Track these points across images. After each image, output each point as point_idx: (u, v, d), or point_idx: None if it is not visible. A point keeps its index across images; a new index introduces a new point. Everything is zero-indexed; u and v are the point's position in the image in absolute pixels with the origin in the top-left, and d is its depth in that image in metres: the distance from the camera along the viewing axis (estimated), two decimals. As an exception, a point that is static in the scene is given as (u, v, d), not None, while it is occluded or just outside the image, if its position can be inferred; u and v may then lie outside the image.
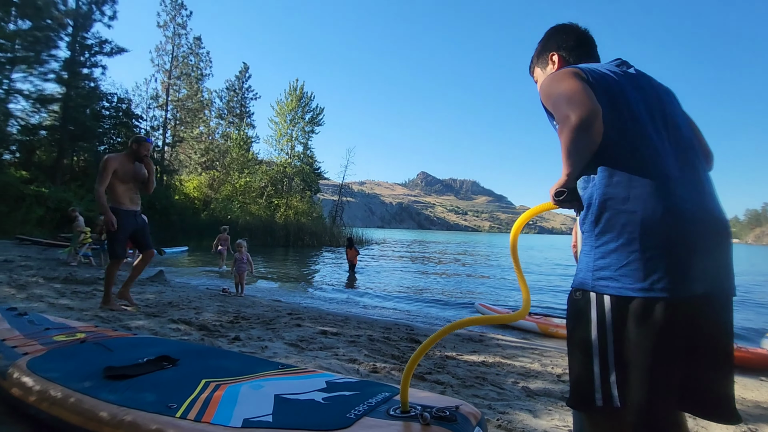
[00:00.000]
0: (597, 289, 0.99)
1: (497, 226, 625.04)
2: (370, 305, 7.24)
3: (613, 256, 0.98)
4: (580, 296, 1.03)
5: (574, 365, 1.04)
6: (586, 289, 1.02)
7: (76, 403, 1.49)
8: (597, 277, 1.00)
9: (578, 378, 1.02)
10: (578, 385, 1.02)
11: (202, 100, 32.02)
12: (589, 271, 1.02)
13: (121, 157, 4.33)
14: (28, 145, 20.40)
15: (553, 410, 2.28)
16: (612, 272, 0.98)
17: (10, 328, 2.45)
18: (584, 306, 1.01)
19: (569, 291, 1.09)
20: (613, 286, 0.97)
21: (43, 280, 5.97)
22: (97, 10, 21.28)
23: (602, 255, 1.00)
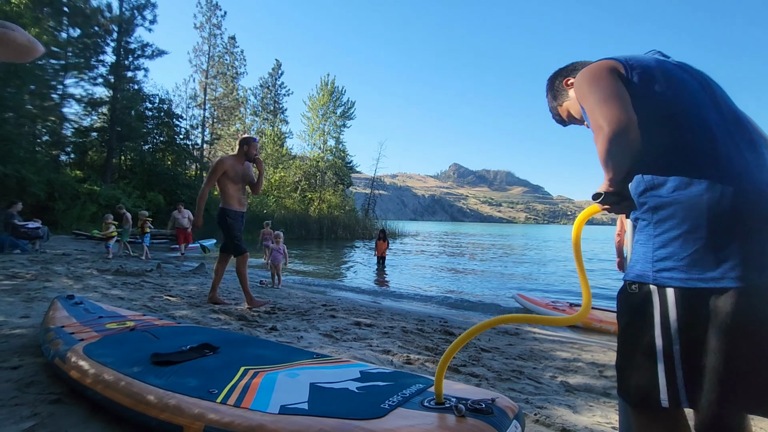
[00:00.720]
0: (659, 281, 0.91)
1: (533, 217, 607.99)
2: (403, 297, 7.25)
3: (676, 245, 0.90)
4: (637, 289, 0.96)
5: (631, 364, 0.96)
6: (645, 281, 0.94)
7: (126, 387, 1.58)
8: (658, 268, 0.92)
9: (639, 378, 0.94)
10: (639, 386, 0.94)
11: (238, 98, 32.94)
12: (648, 262, 0.94)
13: (232, 159, 4.31)
14: (81, 146, 21.79)
15: (594, 406, 2.19)
16: (676, 262, 0.90)
17: (68, 315, 2.64)
18: (643, 300, 0.94)
19: (622, 284, 1.01)
20: (679, 277, 0.89)
21: (96, 272, 6.38)
22: (139, 15, 22.28)
23: (663, 244, 0.92)
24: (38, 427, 1.56)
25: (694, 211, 0.89)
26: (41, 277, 5.41)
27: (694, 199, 0.89)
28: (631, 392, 0.96)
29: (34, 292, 4.39)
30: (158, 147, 24.71)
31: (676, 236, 0.91)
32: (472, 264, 13.89)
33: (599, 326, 4.84)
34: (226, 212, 4.28)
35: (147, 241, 10.41)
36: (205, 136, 29.72)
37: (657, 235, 0.94)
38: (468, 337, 1.19)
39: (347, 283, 8.71)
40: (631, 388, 0.96)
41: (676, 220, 0.91)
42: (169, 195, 21.55)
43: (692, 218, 0.89)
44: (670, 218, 0.92)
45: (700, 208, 0.88)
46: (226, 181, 4.25)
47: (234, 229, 4.31)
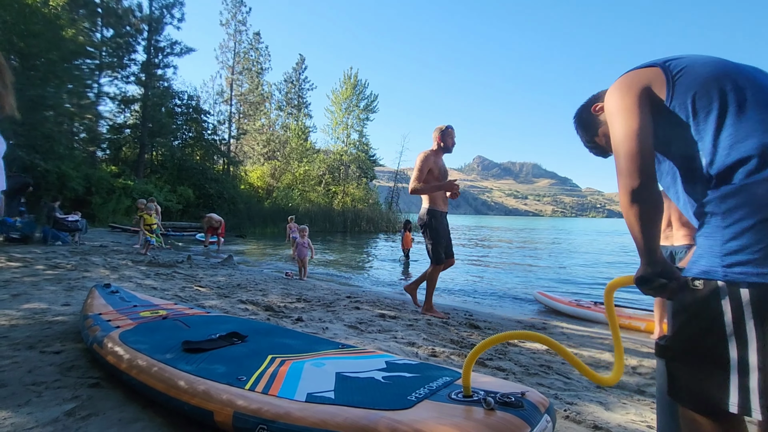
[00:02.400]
0: (731, 277, 0.82)
1: (561, 210, 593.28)
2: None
3: (750, 235, 0.81)
4: (702, 286, 0.87)
5: (693, 367, 0.88)
6: (713, 278, 0.85)
7: (159, 372, 1.63)
8: (729, 262, 0.83)
9: (703, 382, 0.86)
10: (700, 387, 0.87)
11: (263, 93, 33.43)
12: (716, 257, 0.85)
13: (432, 154, 4.02)
14: (115, 142, 22.68)
15: (627, 404, 2.12)
16: (750, 255, 0.80)
17: (105, 303, 2.75)
18: (709, 298, 0.85)
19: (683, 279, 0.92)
20: (755, 272, 0.79)
21: (131, 263, 6.64)
22: (168, 13, 22.85)
23: (734, 235, 0.83)
24: (79, 409, 1.63)
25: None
26: (80, 268, 5.67)
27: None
28: (693, 396, 0.89)
29: (74, 281, 4.60)
30: (187, 142, 25.39)
31: (749, 226, 0.81)
32: (496, 257, 13.68)
33: (627, 323, 4.67)
34: (432, 213, 3.98)
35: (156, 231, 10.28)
36: (231, 131, 30.32)
37: (727, 226, 0.85)
38: (506, 338, 1.17)
39: (371, 276, 8.75)
40: (692, 392, 0.89)
41: (749, 208, 0.82)
42: (198, 189, 22.17)
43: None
44: (742, 206, 0.83)
45: None
46: (429, 178, 3.97)
47: (439, 234, 4.00)
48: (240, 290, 4.88)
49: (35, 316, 3.00)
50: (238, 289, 4.92)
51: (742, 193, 0.83)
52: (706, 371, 0.85)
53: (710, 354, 0.84)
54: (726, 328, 0.81)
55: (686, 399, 0.90)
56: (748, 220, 0.82)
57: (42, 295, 3.75)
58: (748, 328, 0.79)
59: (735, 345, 0.81)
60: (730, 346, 0.81)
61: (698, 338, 0.87)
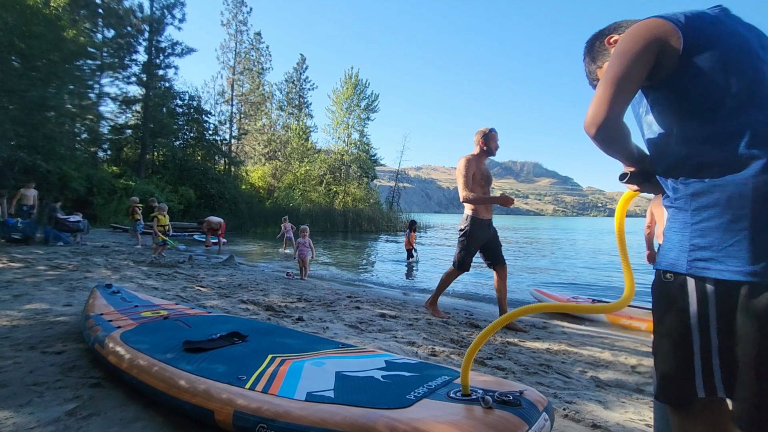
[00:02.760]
0: (694, 271, 0.87)
1: (562, 210, 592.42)
2: (428, 290, 7.23)
3: (715, 235, 0.85)
4: (672, 279, 0.91)
5: (666, 355, 0.92)
6: (679, 271, 0.90)
7: (160, 372, 1.64)
8: (694, 258, 0.87)
9: (672, 369, 0.91)
10: (673, 377, 0.91)
11: (264, 94, 33.43)
12: (684, 252, 0.90)
13: (474, 158, 3.88)
14: (117, 143, 22.72)
15: (626, 402, 2.12)
16: (714, 252, 0.85)
17: (106, 303, 2.77)
18: (678, 290, 0.89)
19: (655, 273, 0.97)
20: (716, 268, 0.84)
21: (132, 264, 6.66)
22: (168, 14, 22.87)
23: (701, 233, 0.87)
24: (80, 409, 1.64)
25: (738, 199, 0.83)
26: (82, 268, 5.70)
27: (739, 187, 0.82)
28: (666, 385, 0.93)
29: (76, 281, 4.62)
30: (188, 143, 25.42)
31: (716, 226, 0.85)
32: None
33: (628, 323, 4.65)
34: (473, 221, 3.87)
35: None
36: (232, 131, 30.36)
37: (695, 223, 0.89)
38: (495, 327, 1.16)
39: (372, 276, 8.76)
40: (665, 381, 0.93)
41: (717, 209, 0.85)
42: (200, 189, 22.19)
43: (735, 207, 0.83)
44: (711, 206, 0.86)
45: (744, 196, 0.82)
46: (472, 184, 3.85)
47: (473, 241, 3.89)
48: (241, 290, 4.89)
49: (37, 317, 3.02)
50: (239, 289, 4.94)
51: (712, 194, 0.86)
52: (676, 360, 0.90)
53: (679, 342, 0.89)
54: (691, 318, 0.86)
55: (663, 394, 0.94)
56: (716, 220, 0.85)
57: (43, 296, 3.76)
58: (711, 318, 0.84)
59: (698, 334, 0.86)
60: (694, 335, 0.86)
61: (669, 330, 0.91)
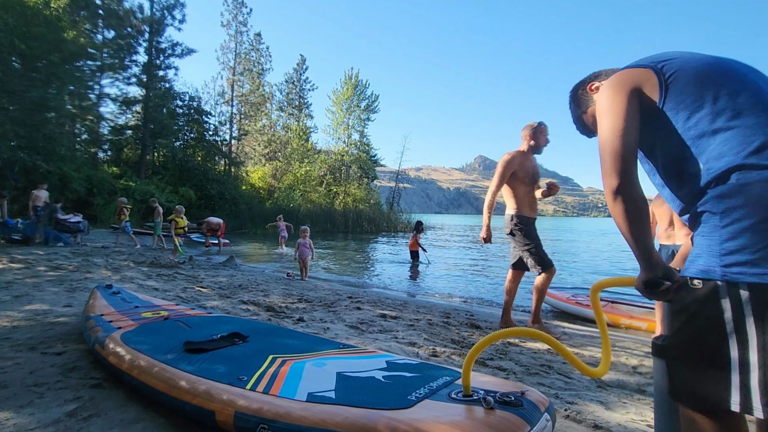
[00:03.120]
0: (729, 277, 0.82)
1: (562, 210, 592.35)
2: (429, 291, 7.22)
3: (748, 236, 0.81)
4: (701, 285, 0.87)
5: (694, 363, 0.88)
6: (712, 278, 0.85)
7: (160, 372, 1.63)
8: (727, 262, 0.83)
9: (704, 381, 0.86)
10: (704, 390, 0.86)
11: (264, 94, 33.44)
12: (715, 256, 0.86)
13: (519, 155, 3.69)
14: (117, 143, 22.73)
15: (628, 403, 2.12)
16: (749, 255, 0.81)
17: (107, 304, 2.76)
18: (708, 297, 0.85)
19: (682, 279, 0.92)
20: (753, 272, 0.79)
21: (133, 264, 6.66)
22: (168, 15, 22.88)
23: (732, 235, 0.84)
24: (80, 410, 1.64)
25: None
26: (82, 269, 5.69)
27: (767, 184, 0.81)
28: (694, 395, 0.89)
29: (76, 282, 4.62)
30: (189, 143, 25.43)
31: (748, 226, 0.82)
32: (497, 257, 13.67)
33: (629, 323, 4.65)
34: (519, 219, 3.71)
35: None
36: (233, 132, 30.36)
37: (725, 226, 0.85)
38: (502, 336, 1.17)
39: (372, 276, 8.75)
40: (693, 392, 0.89)
41: (747, 209, 0.82)
42: (200, 190, 22.20)
43: (766, 206, 0.80)
44: (740, 207, 0.83)
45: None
46: (515, 182, 3.68)
47: (533, 237, 3.69)
48: (241, 291, 4.89)
49: (37, 318, 3.01)
50: (240, 290, 4.93)
51: (741, 194, 0.84)
52: (707, 370, 0.85)
53: (711, 353, 0.84)
54: (726, 326, 0.81)
55: (687, 398, 0.90)
56: (747, 221, 0.82)
57: (44, 297, 3.76)
58: (748, 326, 0.79)
59: (735, 343, 0.80)
60: (730, 344, 0.81)
61: (699, 337, 0.87)
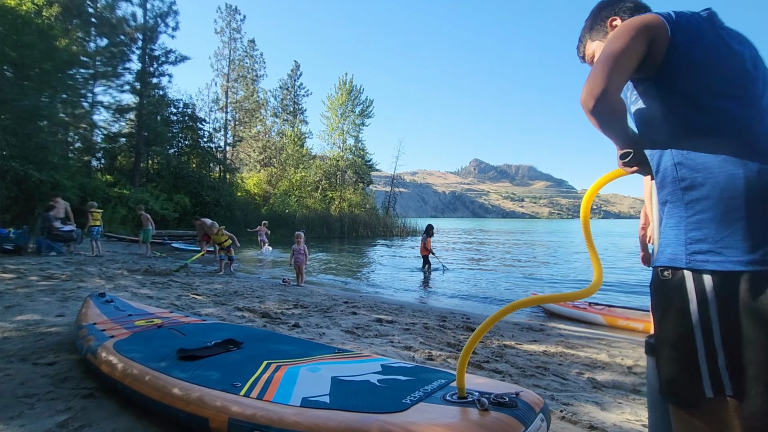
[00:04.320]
0: (693, 265, 0.86)
1: (557, 212, 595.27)
2: (425, 295, 7.22)
3: (711, 226, 0.85)
4: (670, 276, 0.90)
5: (670, 354, 0.91)
6: (678, 266, 0.89)
7: (153, 380, 1.62)
8: (692, 251, 0.87)
9: (677, 369, 0.90)
10: (678, 377, 0.89)
11: (258, 101, 33.41)
12: (681, 245, 0.89)
13: None
14: (111, 151, 22.58)
15: (623, 403, 2.12)
16: (711, 244, 0.85)
17: (99, 313, 2.74)
18: (677, 286, 0.89)
19: (652, 271, 0.96)
20: (715, 260, 0.84)
21: (127, 272, 6.61)
22: (162, 22, 22.85)
23: (696, 225, 0.87)
24: (72, 421, 1.62)
25: (730, 190, 0.83)
26: (75, 278, 5.64)
27: (731, 179, 0.84)
28: (672, 387, 0.91)
29: (69, 291, 4.57)
30: (183, 150, 25.33)
31: (711, 217, 0.85)
32: (493, 260, 13.70)
33: (625, 324, 4.68)
34: None
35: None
36: (227, 138, 30.30)
37: (689, 216, 0.89)
38: (486, 327, 1.15)
39: (369, 281, 8.73)
40: (673, 383, 0.91)
41: (711, 201, 0.86)
42: (195, 197, 22.10)
43: (729, 198, 0.83)
44: (704, 198, 0.87)
45: (737, 187, 0.83)
46: None
47: None
48: (237, 297, 4.86)
49: (28, 328, 2.98)
50: (235, 297, 4.91)
51: (704, 186, 0.87)
52: (680, 361, 0.88)
53: (682, 343, 0.87)
54: (692, 315, 0.85)
55: (668, 392, 0.92)
56: (710, 212, 0.86)
57: (36, 306, 3.72)
58: (712, 313, 0.83)
59: (701, 331, 0.84)
60: (696, 333, 0.85)
61: (672, 329, 0.90)
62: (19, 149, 13.59)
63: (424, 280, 8.86)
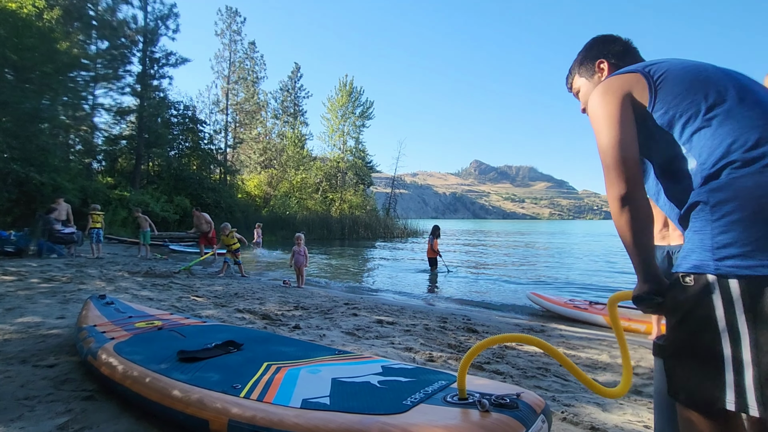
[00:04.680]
0: (722, 270, 0.81)
1: (558, 213, 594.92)
2: (427, 297, 7.21)
3: (739, 229, 0.81)
4: (693, 282, 0.86)
5: (688, 362, 0.87)
6: (704, 272, 0.84)
7: (153, 382, 1.62)
8: (720, 256, 0.82)
9: (696, 377, 0.85)
10: (697, 385, 0.85)
11: (259, 102, 33.50)
12: (707, 251, 0.85)
13: None
14: (111, 154, 22.64)
15: (624, 404, 2.11)
16: (740, 248, 0.80)
17: (100, 315, 2.74)
18: (701, 294, 0.84)
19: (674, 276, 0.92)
20: (746, 264, 0.79)
21: (127, 274, 6.61)
22: (162, 25, 22.94)
23: (724, 229, 0.83)
24: (72, 423, 1.62)
25: (760, 188, 0.80)
26: (76, 280, 5.64)
27: (760, 176, 0.81)
28: (690, 395, 0.88)
29: (70, 294, 4.57)
30: (184, 152, 25.39)
31: (738, 219, 0.81)
32: (494, 261, 13.70)
33: (627, 325, 4.65)
34: None
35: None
36: (228, 140, 30.37)
37: (716, 220, 0.85)
38: (500, 340, 1.16)
39: (369, 282, 8.73)
40: (689, 391, 0.88)
41: (737, 202, 0.82)
42: (195, 199, 22.13)
43: (758, 197, 0.80)
44: (730, 200, 0.83)
45: (763, 185, 0.80)
46: None
47: None
48: (237, 299, 4.86)
49: (29, 330, 2.98)
50: (236, 298, 4.90)
51: (731, 187, 0.84)
52: (701, 369, 0.84)
53: (705, 351, 0.83)
54: (718, 324, 0.81)
55: (684, 398, 0.89)
56: (737, 213, 0.82)
57: (36, 309, 3.72)
58: (740, 323, 0.79)
59: (728, 341, 0.80)
60: (723, 342, 0.80)
61: (692, 336, 0.86)
62: (20, 152, 13.62)
63: (430, 283, 8.70)
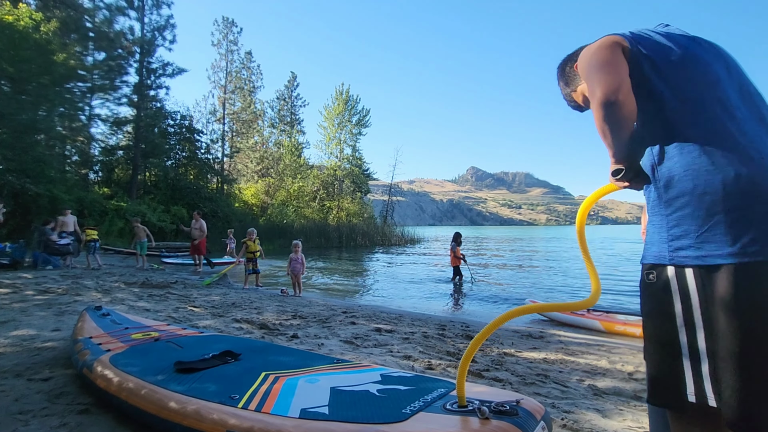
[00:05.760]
0: (676, 261, 0.86)
1: (555, 219, 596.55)
2: (424, 304, 7.19)
3: (690, 222, 0.86)
4: (655, 276, 0.90)
5: (655, 357, 0.90)
6: (663, 263, 0.89)
7: (150, 394, 1.60)
8: (675, 247, 0.87)
9: (661, 371, 0.89)
10: (662, 380, 0.88)
11: (255, 111, 33.64)
12: (664, 243, 0.90)
13: None
14: (108, 164, 22.60)
15: (624, 410, 2.11)
16: (691, 240, 0.85)
17: (96, 326, 2.71)
18: (662, 285, 0.89)
19: (640, 273, 0.96)
20: (695, 255, 0.84)
21: (124, 285, 6.56)
22: (159, 35, 23.07)
23: (676, 222, 0.88)
24: (67, 436, 1.59)
25: (707, 185, 0.85)
26: (72, 291, 5.59)
27: (707, 176, 0.85)
28: (655, 388, 0.91)
29: (65, 305, 4.53)
30: (181, 162, 25.38)
31: (690, 213, 0.86)
32: (492, 268, 13.68)
33: (623, 330, 4.67)
34: None
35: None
36: (225, 149, 30.39)
37: (670, 214, 0.90)
38: (484, 335, 1.15)
39: (367, 290, 8.70)
40: (654, 383, 0.91)
41: (688, 197, 0.87)
42: (193, 208, 22.06)
43: (706, 194, 0.84)
44: (682, 195, 0.88)
45: (713, 183, 0.84)
46: None
47: None
48: (235, 309, 4.83)
49: (23, 343, 2.94)
50: (233, 308, 4.87)
51: (682, 183, 0.88)
52: (665, 363, 0.88)
53: (666, 344, 0.87)
54: (677, 317, 0.85)
55: (651, 395, 0.91)
56: (688, 208, 0.87)
57: (31, 321, 3.68)
58: (695, 314, 0.83)
59: (685, 332, 0.84)
60: (680, 333, 0.85)
61: (657, 327, 0.90)
62: (16, 163, 13.58)
63: (454, 292, 8.29)
